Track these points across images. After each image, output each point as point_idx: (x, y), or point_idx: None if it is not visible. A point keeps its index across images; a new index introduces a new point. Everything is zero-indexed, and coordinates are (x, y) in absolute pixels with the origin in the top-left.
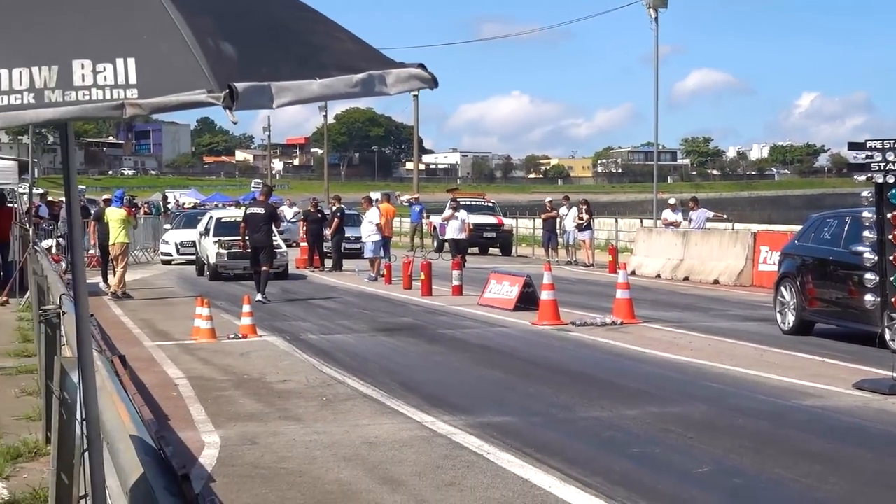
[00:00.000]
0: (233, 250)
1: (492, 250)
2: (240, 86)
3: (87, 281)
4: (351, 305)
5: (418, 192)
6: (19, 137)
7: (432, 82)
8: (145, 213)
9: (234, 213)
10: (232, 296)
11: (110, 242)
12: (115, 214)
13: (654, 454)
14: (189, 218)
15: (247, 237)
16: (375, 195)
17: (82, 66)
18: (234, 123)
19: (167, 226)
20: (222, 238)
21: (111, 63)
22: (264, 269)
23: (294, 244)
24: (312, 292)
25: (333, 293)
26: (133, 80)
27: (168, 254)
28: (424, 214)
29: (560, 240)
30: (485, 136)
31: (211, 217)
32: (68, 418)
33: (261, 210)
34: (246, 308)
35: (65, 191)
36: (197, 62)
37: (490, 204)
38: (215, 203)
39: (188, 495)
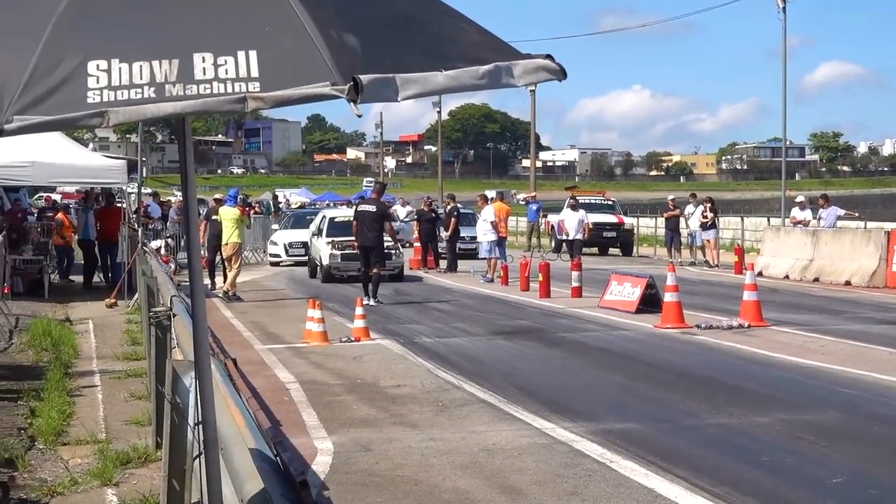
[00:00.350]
0: (346, 251)
1: (612, 250)
2: (364, 78)
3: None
4: (466, 308)
5: (535, 191)
6: (127, 136)
7: (560, 73)
8: (255, 212)
9: (347, 213)
10: (345, 298)
11: (223, 242)
12: (228, 214)
13: (786, 463)
14: (297, 218)
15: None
16: (491, 193)
17: (203, 60)
18: (359, 116)
19: (275, 226)
20: (335, 238)
21: (233, 56)
22: (375, 271)
23: (407, 244)
24: (427, 294)
25: (448, 295)
26: (255, 73)
27: (276, 255)
28: (542, 213)
29: (684, 239)
30: (604, 132)
31: (324, 217)
32: (180, 423)
33: (372, 208)
34: (359, 311)
35: (182, 188)
36: (320, 54)
37: (610, 202)
38: (326, 202)
39: (306, 502)
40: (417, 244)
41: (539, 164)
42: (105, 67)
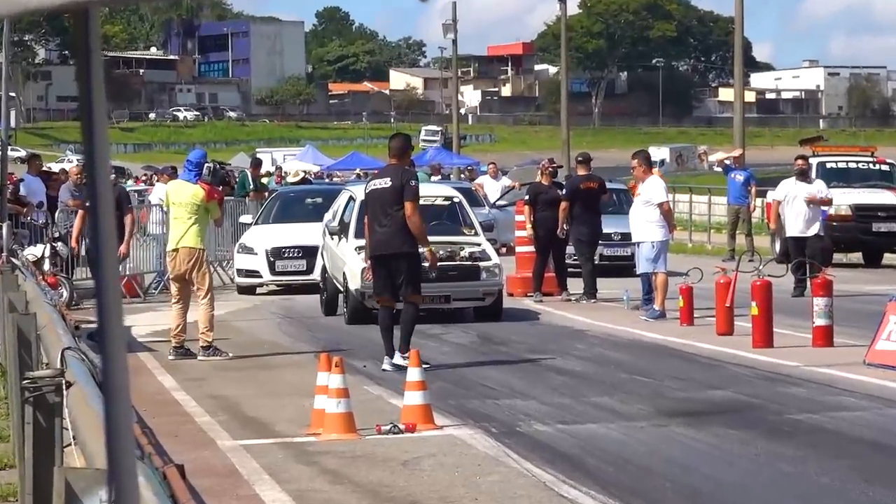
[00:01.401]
0: None
1: (888, 257)
2: None
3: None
4: (614, 367)
5: (742, 148)
6: None
7: None
8: (227, 193)
9: None
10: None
11: (169, 247)
12: (183, 194)
13: None
14: (288, 202)
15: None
16: (662, 151)
17: None
18: (423, 1)
19: (246, 217)
20: None
21: None
22: (406, 302)
23: (502, 249)
24: (540, 342)
25: (581, 344)
26: None
27: (252, 272)
28: (753, 188)
29: None
30: (873, 37)
31: (351, 199)
32: None
33: (385, 182)
34: (413, 374)
35: (84, 148)
36: None
37: (885, 167)
38: (357, 172)
39: None
40: (523, 248)
41: (750, 96)
42: None
